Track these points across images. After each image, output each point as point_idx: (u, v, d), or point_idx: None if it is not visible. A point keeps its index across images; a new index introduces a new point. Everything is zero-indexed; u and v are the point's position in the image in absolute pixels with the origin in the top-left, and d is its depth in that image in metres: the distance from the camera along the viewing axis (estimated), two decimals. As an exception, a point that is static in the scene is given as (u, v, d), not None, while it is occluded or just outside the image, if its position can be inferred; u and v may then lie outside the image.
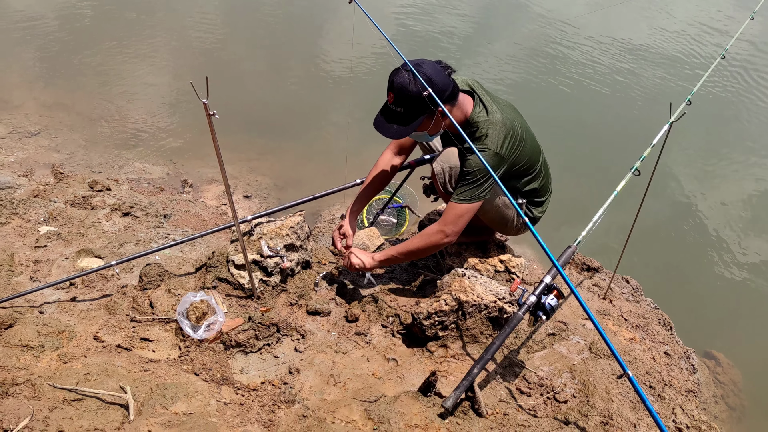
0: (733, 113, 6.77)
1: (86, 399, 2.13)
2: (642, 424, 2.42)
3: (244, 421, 2.23)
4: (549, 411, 2.51)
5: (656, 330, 3.31)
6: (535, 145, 2.93)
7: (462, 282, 2.80)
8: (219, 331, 2.63)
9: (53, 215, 3.44)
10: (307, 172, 4.90)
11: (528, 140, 2.83)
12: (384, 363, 2.71)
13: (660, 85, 7.03)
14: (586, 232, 2.75)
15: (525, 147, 2.80)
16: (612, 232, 4.23)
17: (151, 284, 2.88)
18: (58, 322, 2.61)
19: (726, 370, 3.71)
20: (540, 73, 6.96)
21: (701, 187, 5.50)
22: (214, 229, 3.16)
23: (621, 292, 3.57)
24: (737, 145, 6.25)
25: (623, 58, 7.55)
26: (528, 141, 2.83)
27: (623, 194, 2.89)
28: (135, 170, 4.48)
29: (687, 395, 2.88)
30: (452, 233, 2.79)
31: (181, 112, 5.40)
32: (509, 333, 2.47)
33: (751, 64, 7.79)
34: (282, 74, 6.40)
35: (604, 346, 2.83)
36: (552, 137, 5.61)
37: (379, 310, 2.99)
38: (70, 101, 5.34)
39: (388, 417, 2.27)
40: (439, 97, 2.44)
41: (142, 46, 6.45)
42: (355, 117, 5.47)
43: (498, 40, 7.81)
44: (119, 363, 2.40)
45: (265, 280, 2.95)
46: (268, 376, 2.58)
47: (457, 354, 2.74)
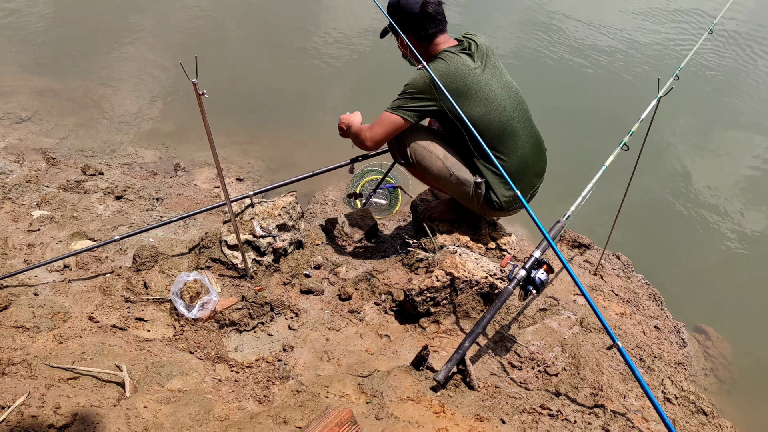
0: (722, 88, 6.79)
1: (82, 377, 2.16)
2: (631, 395, 2.46)
3: (239, 397, 2.26)
4: (540, 384, 2.55)
5: (647, 305, 3.35)
6: (503, 120, 2.84)
7: (453, 259, 2.82)
8: (213, 311, 2.66)
9: (46, 199, 3.45)
10: (300, 155, 4.91)
11: (492, 107, 2.80)
12: (377, 339, 2.75)
13: (649, 60, 7.04)
14: (575, 207, 2.78)
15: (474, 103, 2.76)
16: (604, 209, 4.26)
17: (145, 265, 2.90)
18: (53, 304, 2.64)
19: (716, 344, 3.76)
20: (530, 48, 6.96)
21: (691, 162, 5.53)
22: (209, 206, 3.19)
23: (612, 268, 3.60)
24: (727, 120, 6.28)
25: (612, 34, 7.55)
26: (491, 108, 2.79)
27: (613, 170, 2.91)
28: (127, 154, 4.48)
29: (676, 367, 2.92)
30: (369, 137, 2.90)
31: (172, 96, 5.39)
32: (500, 307, 2.50)
33: (741, 37, 7.80)
34: (275, 57, 6.38)
35: (595, 321, 2.87)
36: (541, 112, 5.63)
37: (371, 288, 3.02)
38: (60, 86, 5.32)
39: (381, 390, 2.31)
40: (404, 20, 2.79)
41: (132, 30, 6.42)
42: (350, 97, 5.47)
43: (490, 16, 7.80)
44: (114, 342, 2.42)
45: (258, 260, 2.97)
46: (263, 354, 2.61)
47: (449, 329, 2.78)
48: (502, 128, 2.84)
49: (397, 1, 2.83)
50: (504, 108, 2.85)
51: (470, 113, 2.71)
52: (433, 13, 2.80)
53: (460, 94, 2.72)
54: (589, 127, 5.68)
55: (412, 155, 2.97)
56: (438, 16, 2.83)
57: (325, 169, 3.29)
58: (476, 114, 2.76)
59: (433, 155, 2.93)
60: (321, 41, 6.62)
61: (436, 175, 2.99)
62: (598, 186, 2.88)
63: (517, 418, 2.31)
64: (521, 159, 2.95)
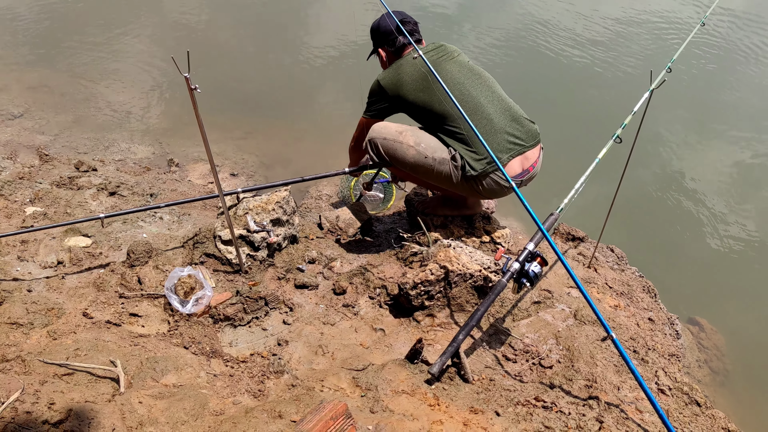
0: (715, 80, 6.80)
1: (77, 373, 2.16)
2: (625, 386, 2.47)
3: (234, 392, 2.26)
4: (534, 376, 2.56)
5: (640, 297, 3.36)
6: (461, 94, 3.00)
7: (447, 252, 2.83)
8: (207, 306, 2.66)
9: (39, 196, 3.44)
10: (294, 151, 4.90)
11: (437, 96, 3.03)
12: (371, 333, 2.75)
13: (642, 53, 7.04)
14: (569, 200, 2.79)
15: (429, 98, 3.05)
16: (598, 202, 4.27)
17: (139, 261, 2.90)
18: (47, 300, 2.63)
19: (710, 336, 3.77)
20: (523, 41, 6.95)
21: (684, 154, 5.54)
22: (200, 197, 3.20)
23: (606, 261, 3.61)
24: (720, 113, 6.29)
25: (605, 26, 7.55)
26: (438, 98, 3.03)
27: (607, 163, 2.92)
28: (120, 150, 4.46)
29: (670, 359, 2.93)
30: (353, 138, 3.45)
31: (166, 92, 5.37)
32: (494, 300, 2.51)
33: (732, 30, 7.81)
34: (269, 52, 6.36)
35: (589, 313, 2.88)
36: (534, 105, 5.63)
37: (366, 282, 3.02)
38: (53, 83, 5.30)
39: (376, 384, 2.31)
40: (379, 37, 3.28)
41: (125, 25, 6.39)
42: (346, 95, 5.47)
43: (484, 7, 7.79)
44: (109, 338, 2.42)
45: (253, 255, 2.97)
46: (257, 348, 2.61)
47: (443, 323, 2.78)
48: (460, 101, 2.91)
49: (377, 24, 3.28)
50: (462, 84, 3.03)
51: (421, 96, 3.07)
52: (405, 29, 3.11)
53: (406, 84, 3.09)
54: (582, 119, 5.68)
55: (384, 151, 3.12)
56: (407, 27, 3.15)
57: (315, 177, 3.45)
58: (431, 100, 3.06)
59: (404, 144, 3.08)
60: (316, 36, 6.61)
61: (413, 164, 3.08)
62: (592, 179, 2.89)
63: (512, 410, 2.32)
64: (486, 121, 3.01)
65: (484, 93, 3.10)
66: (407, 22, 3.23)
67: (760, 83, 6.90)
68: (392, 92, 3.13)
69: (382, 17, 3.23)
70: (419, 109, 3.11)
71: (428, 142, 3.07)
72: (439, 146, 3.07)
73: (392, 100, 3.16)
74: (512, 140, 3.06)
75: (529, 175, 3.14)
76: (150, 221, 3.34)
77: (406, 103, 3.13)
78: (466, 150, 3.02)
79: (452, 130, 3.04)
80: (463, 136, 3.02)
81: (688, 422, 2.34)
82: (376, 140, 3.15)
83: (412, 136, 3.09)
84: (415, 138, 3.08)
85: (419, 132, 3.14)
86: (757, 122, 6.19)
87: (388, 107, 3.21)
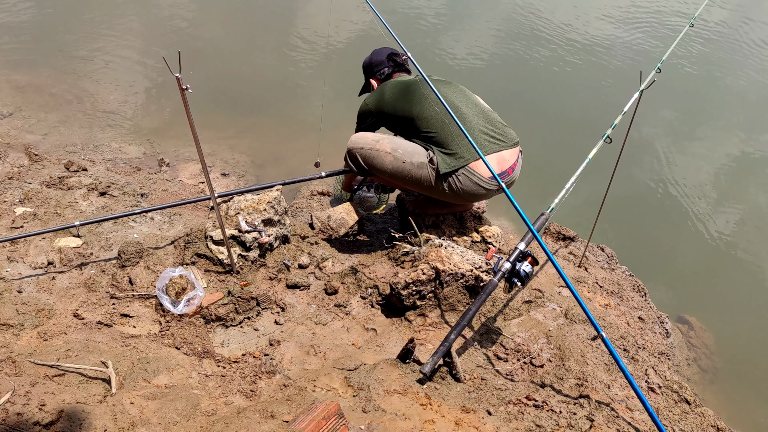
0: (704, 81, 6.85)
1: (68, 374, 2.15)
2: (615, 385, 2.49)
3: (226, 392, 2.26)
4: (525, 375, 2.57)
5: (630, 296, 3.38)
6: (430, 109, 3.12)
7: (439, 252, 2.84)
8: (199, 306, 2.66)
9: (29, 196, 3.42)
10: (285, 150, 4.90)
11: (415, 103, 3.16)
12: (363, 333, 2.76)
13: (632, 53, 7.08)
14: (559, 199, 2.80)
15: (407, 106, 3.19)
16: (589, 202, 4.30)
17: (130, 261, 2.89)
18: (37, 301, 2.62)
19: (699, 334, 3.80)
20: (514, 43, 6.98)
21: (674, 154, 5.57)
22: (191, 199, 3.20)
23: (596, 260, 3.63)
24: (709, 113, 6.34)
25: (595, 27, 7.58)
26: (414, 104, 3.16)
27: (597, 163, 2.94)
28: (111, 150, 4.45)
29: (660, 357, 2.95)
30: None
31: (156, 92, 5.35)
32: (485, 299, 2.52)
33: (725, 29, 7.87)
34: (259, 51, 6.35)
35: (580, 312, 2.89)
36: (525, 106, 5.66)
37: (357, 282, 3.02)
38: (43, 82, 5.27)
39: (368, 384, 2.32)
40: (370, 70, 3.53)
41: (115, 24, 6.36)
42: (329, 97, 5.46)
43: (473, 11, 7.81)
44: (100, 339, 2.41)
45: (244, 255, 2.97)
46: (249, 349, 2.61)
47: (435, 322, 2.79)
48: (438, 104, 3.06)
49: (369, 60, 3.54)
50: (440, 92, 3.00)
51: (399, 105, 3.20)
52: (395, 59, 3.47)
53: (387, 97, 3.27)
54: (573, 120, 5.71)
55: (362, 161, 3.19)
56: (398, 59, 3.47)
57: (294, 180, 3.52)
58: (409, 107, 3.18)
59: (381, 152, 3.14)
60: (308, 36, 6.60)
61: (391, 170, 3.13)
62: (583, 179, 2.90)
63: (503, 409, 2.33)
64: (462, 120, 3.03)
65: (461, 99, 3.20)
66: (398, 54, 3.49)
67: (748, 83, 6.96)
68: (376, 108, 3.30)
69: (372, 54, 3.53)
70: (398, 118, 3.24)
71: (405, 148, 3.13)
72: (417, 150, 3.12)
73: (376, 114, 3.32)
74: (487, 138, 3.11)
75: (509, 177, 3.14)
76: (141, 221, 3.33)
77: (386, 115, 3.29)
78: (440, 150, 3.07)
79: (428, 134, 3.12)
80: (438, 139, 3.09)
81: (677, 420, 2.36)
82: (354, 150, 3.23)
83: (389, 143, 3.16)
84: (392, 145, 3.15)
85: (396, 139, 3.23)
86: (745, 123, 6.25)
87: (375, 122, 3.37)
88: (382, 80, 3.48)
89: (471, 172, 3.04)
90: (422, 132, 3.14)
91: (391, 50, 3.52)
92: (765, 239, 4.77)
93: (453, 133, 3.05)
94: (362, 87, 3.66)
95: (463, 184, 3.05)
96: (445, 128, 3.07)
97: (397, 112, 3.23)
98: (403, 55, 3.19)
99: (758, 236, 4.78)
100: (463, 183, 3.05)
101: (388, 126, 3.37)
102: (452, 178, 3.05)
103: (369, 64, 3.54)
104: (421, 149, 3.12)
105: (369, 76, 3.56)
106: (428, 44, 6.69)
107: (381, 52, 3.52)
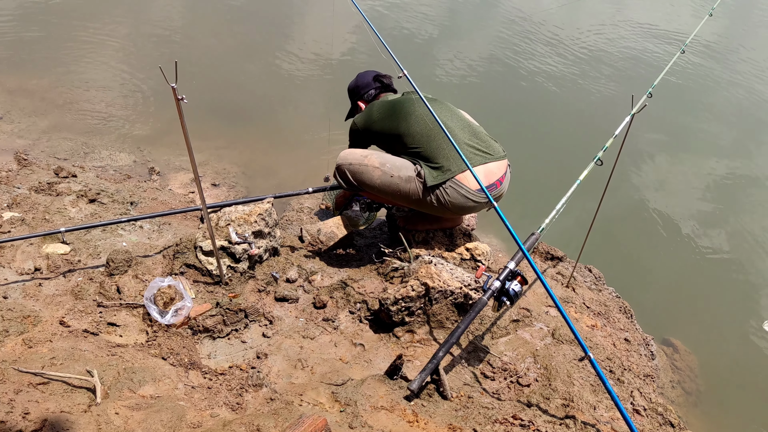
0: (693, 104, 6.95)
1: (52, 383, 2.13)
2: (601, 406, 2.50)
3: (212, 404, 2.24)
4: (512, 394, 2.58)
5: (617, 317, 3.40)
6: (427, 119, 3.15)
7: (429, 269, 2.84)
8: (187, 317, 2.64)
9: (17, 201, 3.40)
10: (276, 161, 4.90)
11: (401, 120, 3.21)
12: (351, 348, 2.75)
13: (624, 78, 7.17)
14: (550, 220, 2.82)
15: (394, 123, 3.24)
16: (579, 222, 4.33)
17: (119, 270, 2.87)
18: (23, 307, 2.60)
19: (683, 357, 3.83)
20: (507, 65, 7.04)
21: (662, 177, 5.64)
22: (181, 209, 3.20)
23: (584, 281, 3.65)
24: (697, 137, 6.42)
25: (588, 50, 7.68)
26: (400, 121, 3.21)
27: (588, 184, 2.96)
28: (101, 157, 4.43)
29: (645, 379, 2.96)
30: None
31: (148, 100, 5.34)
32: (474, 317, 2.53)
33: (710, 57, 7.99)
34: (252, 61, 6.36)
35: (567, 332, 2.90)
36: (519, 128, 5.70)
37: (346, 296, 3.02)
38: (33, 87, 5.24)
39: (355, 399, 2.31)
40: (357, 93, 3.58)
41: (108, 31, 6.35)
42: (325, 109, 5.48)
43: (466, 29, 7.88)
44: (86, 347, 2.39)
45: (233, 267, 2.96)
46: (236, 361, 2.60)
47: (423, 339, 2.79)
48: (425, 120, 3.15)
49: (354, 84, 3.60)
50: (427, 114, 3.09)
51: (386, 123, 3.26)
52: (381, 80, 3.55)
53: (375, 116, 3.32)
54: (565, 142, 5.76)
55: (351, 176, 3.22)
56: (384, 80, 3.56)
57: (283, 194, 3.55)
58: (396, 125, 3.23)
59: (369, 167, 3.17)
60: (300, 47, 6.63)
61: (380, 185, 3.16)
62: (573, 200, 2.93)
63: (490, 428, 2.33)
64: (448, 132, 3.05)
65: (447, 115, 3.24)
66: (384, 75, 3.59)
67: (736, 107, 7.06)
68: (364, 127, 3.37)
69: (358, 77, 3.61)
70: (386, 136, 3.31)
71: (393, 162, 3.17)
72: (405, 165, 3.16)
73: (365, 132, 3.38)
74: (473, 151, 3.15)
75: (496, 190, 3.17)
76: (130, 230, 3.32)
77: (375, 133, 3.35)
78: (427, 164, 3.11)
79: (415, 150, 3.16)
80: (424, 153, 3.14)
81: (662, 443, 2.37)
82: (342, 166, 3.26)
83: (377, 158, 3.19)
84: (380, 160, 3.18)
85: (384, 154, 3.27)
86: (730, 146, 6.33)
87: (365, 140, 3.43)
88: (370, 101, 3.53)
89: (458, 185, 3.06)
90: (409, 148, 3.18)
91: (376, 72, 3.60)
92: (750, 262, 4.82)
93: (439, 147, 3.10)
94: (349, 111, 3.71)
95: (451, 197, 3.07)
96: (431, 143, 3.12)
97: (385, 130, 3.28)
98: (399, 74, 3.21)
99: (744, 259, 4.83)
100: (451, 195, 3.07)
101: (377, 143, 3.42)
102: (440, 191, 3.07)
103: (355, 87, 3.61)
104: (409, 164, 3.16)
105: (356, 98, 3.62)
106: (418, 63, 6.74)
107: (366, 75, 3.59)
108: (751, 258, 4.87)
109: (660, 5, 9.91)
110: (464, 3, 8.91)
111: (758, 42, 9.16)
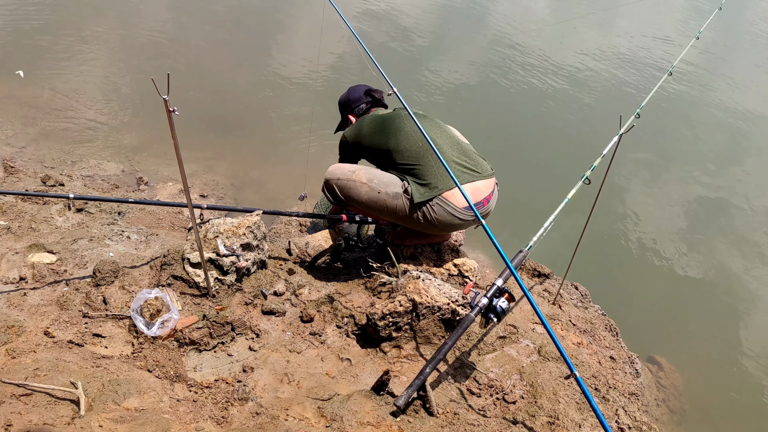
0: (680, 125, 7.04)
1: (36, 394, 2.10)
2: (586, 424, 2.50)
3: (197, 418, 2.23)
4: (498, 411, 2.58)
5: (603, 335, 3.42)
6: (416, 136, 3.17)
7: (416, 284, 2.85)
8: (173, 329, 2.63)
9: (3, 209, 3.37)
10: (264, 173, 4.90)
11: (391, 136, 3.24)
12: (338, 363, 2.74)
13: (612, 97, 7.25)
14: (537, 237, 2.84)
15: (383, 139, 3.26)
16: (566, 240, 4.35)
17: (105, 280, 2.85)
18: (7, 317, 2.57)
19: (668, 375, 3.85)
20: (496, 85, 7.10)
21: (648, 196, 5.69)
22: (170, 202, 3.19)
23: (570, 298, 3.67)
24: (682, 158, 6.49)
25: (578, 72, 7.76)
26: (390, 137, 3.24)
27: (575, 202, 2.99)
28: (89, 167, 4.41)
29: (630, 398, 2.98)
30: None
31: (137, 110, 5.33)
32: (461, 334, 2.53)
33: (697, 79, 8.10)
34: (241, 73, 6.37)
35: (553, 350, 2.91)
36: (506, 144, 5.74)
37: (334, 310, 3.02)
38: (21, 93, 5.21)
39: (341, 415, 2.30)
40: (347, 106, 3.62)
41: (98, 40, 6.34)
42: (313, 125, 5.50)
43: (454, 49, 7.94)
44: (70, 359, 2.37)
45: (221, 279, 2.95)
46: (222, 374, 2.58)
47: (410, 354, 2.79)
48: (414, 137, 3.18)
49: (345, 97, 3.64)
50: (416, 131, 3.11)
51: (376, 138, 3.28)
52: (373, 94, 3.59)
53: (365, 131, 3.35)
54: (553, 161, 5.80)
55: (339, 191, 3.24)
56: (375, 95, 3.60)
57: (277, 211, 3.61)
58: (385, 140, 3.26)
59: (356, 183, 3.19)
60: (289, 60, 6.65)
61: (367, 201, 3.18)
62: (561, 218, 2.95)
63: (475, 445, 2.32)
64: (425, 163, 3.14)
65: (436, 132, 3.26)
66: (375, 90, 3.63)
67: (722, 128, 7.15)
68: (354, 141, 3.40)
69: (349, 91, 3.65)
70: (375, 151, 3.33)
71: (381, 178, 3.18)
72: (393, 181, 3.18)
73: (354, 146, 3.41)
74: (461, 169, 3.17)
75: (483, 209, 3.18)
76: (117, 240, 3.30)
77: (364, 148, 3.37)
78: (415, 181, 3.13)
79: (403, 166, 3.19)
80: (413, 170, 3.16)
81: (646, 462, 2.38)
82: (330, 181, 3.28)
83: (365, 174, 3.21)
84: (368, 175, 3.20)
85: (372, 170, 3.28)
86: (715, 167, 6.41)
87: (354, 153, 3.47)
88: (360, 115, 3.56)
89: (445, 202, 3.08)
90: (398, 164, 3.20)
91: (368, 86, 3.63)
92: (735, 282, 4.87)
93: (427, 164, 3.12)
94: (339, 124, 3.74)
95: (437, 214, 3.09)
96: (419, 159, 3.14)
97: (375, 144, 3.31)
98: (389, 92, 3.22)
99: (729, 279, 4.88)
100: (437, 213, 3.08)
101: (366, 158, 3.45)
102: (426, 208, 3.08)
103: (346, 100, 3.64)
104: (397, 180, 3.18)
105: (347, 112, 3.64)
106: (407, 80, 6.78)
107: (358, 89, 3.62)
108: (736, 277, 4.92)
109: (648, 28, 10.05)
110: (455, 23, 8.98)
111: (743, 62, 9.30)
